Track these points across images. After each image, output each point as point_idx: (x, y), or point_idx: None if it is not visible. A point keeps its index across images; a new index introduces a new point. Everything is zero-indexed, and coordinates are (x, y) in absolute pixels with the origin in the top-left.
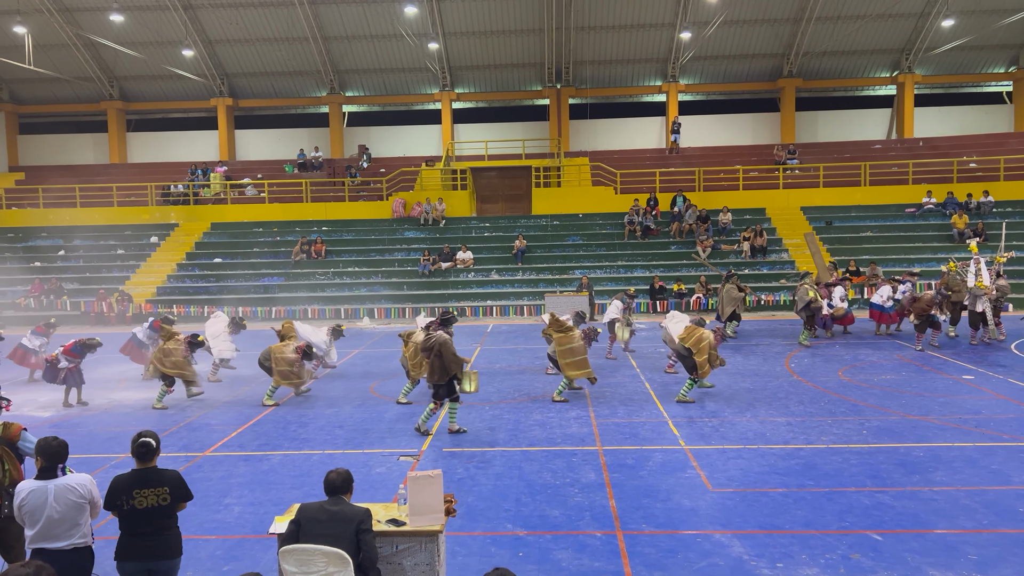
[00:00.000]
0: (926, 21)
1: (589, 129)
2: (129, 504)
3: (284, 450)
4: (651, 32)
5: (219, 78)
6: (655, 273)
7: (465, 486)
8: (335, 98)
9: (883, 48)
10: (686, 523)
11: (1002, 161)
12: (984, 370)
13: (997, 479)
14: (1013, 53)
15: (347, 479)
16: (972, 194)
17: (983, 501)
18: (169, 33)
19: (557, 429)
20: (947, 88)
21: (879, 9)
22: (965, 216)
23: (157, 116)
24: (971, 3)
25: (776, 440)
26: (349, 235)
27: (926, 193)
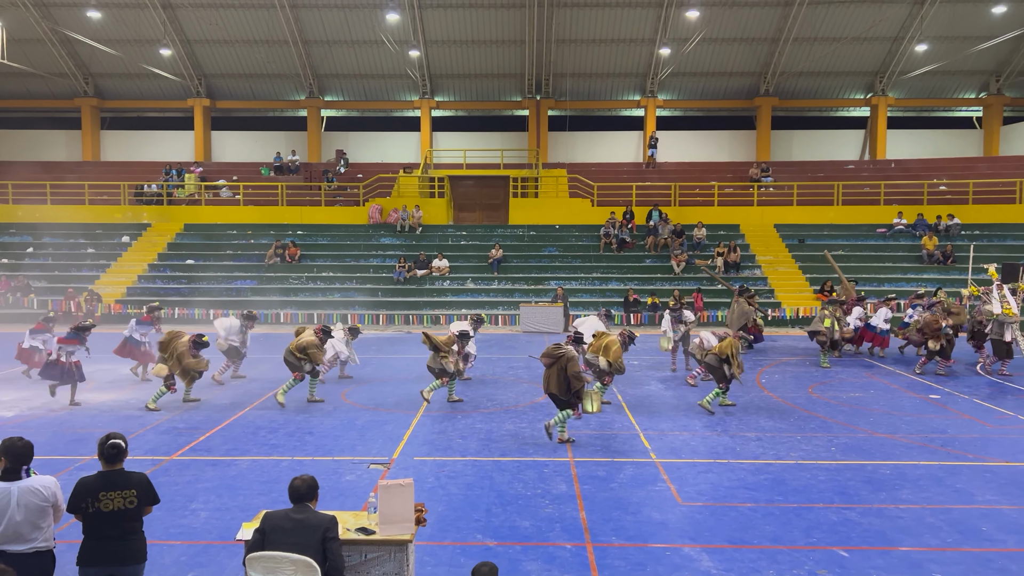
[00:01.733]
0: (900, 45)
1: (567, 141)
2: (95, 507)
3: (253, 455)
4: (631, 47)
5: (196, 78)
6: (629, 286)
7: (436, 495)
8: (314, 102)
9: (858, 70)
10: (656, 536)
11: (971, 185)
12: (950, 390)
13: (961, 498)
14: (983, 79)
15: (312, 486)
16: (942, 216)
17: (948, 519)
18: (147, 31)
19: (529, 439)
20: (919, 112)
21: (855, 32)
22: (935, 238)
23: (132, 115)
24: (944, 29)
25: (746, 455)
26: (324, 240)
27: (897, 214)
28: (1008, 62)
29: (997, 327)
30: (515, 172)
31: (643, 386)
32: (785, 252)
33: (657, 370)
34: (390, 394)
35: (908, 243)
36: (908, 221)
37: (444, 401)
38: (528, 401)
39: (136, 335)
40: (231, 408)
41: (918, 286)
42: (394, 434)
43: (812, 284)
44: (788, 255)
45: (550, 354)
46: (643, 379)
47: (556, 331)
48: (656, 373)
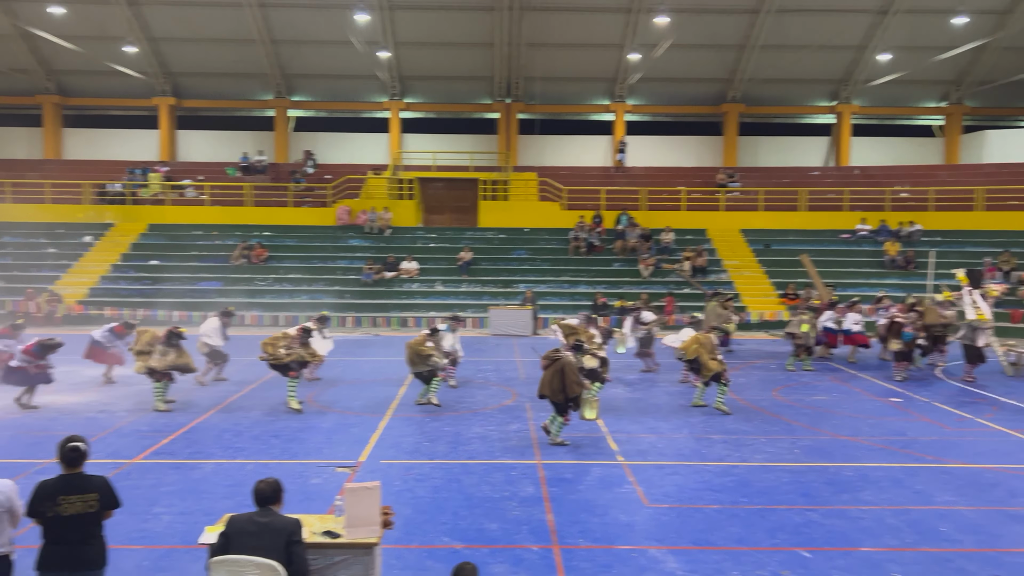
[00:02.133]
0: (864, 54)
1: (537, 144)
2: (54, 511)
3: (217, 459)
4: (600, 52)
5: (162, 77)
6: (598, 290)
7: (403, 498)
8: (281, 102)
9: (823, 78)
10: (622, 538)
11: (931, 192)
12: (911, 393)
13: (920, 499)
14: (944, 89)
15: (277, 489)
16: (903, 222)
17: (907, 520)
18: (112, 28)
19: (497, 442)
20: (882, 120)
21: (820, 40)
22: (897, 244)
23: (96, 112)
24: (906, 39)
25: (712, 457)
26: (291, 241)
27: (860, 220)
28: (968, 72)
29: (969, 332)
30: (485, 175)
31: (610, 388)
32: (751, 257)
33: (624, 372)
34: (357, 397)
35: (871, 249)
36: (871, 227)
37: (412, 404)
38: (497, 404)
39: (100, 337)
40: (195, 411)
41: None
42: (361, 437)
43: (777, 288)
44: (754, 260)
45: (549, 356)
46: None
47: (525, 334)
48: (623, 376)
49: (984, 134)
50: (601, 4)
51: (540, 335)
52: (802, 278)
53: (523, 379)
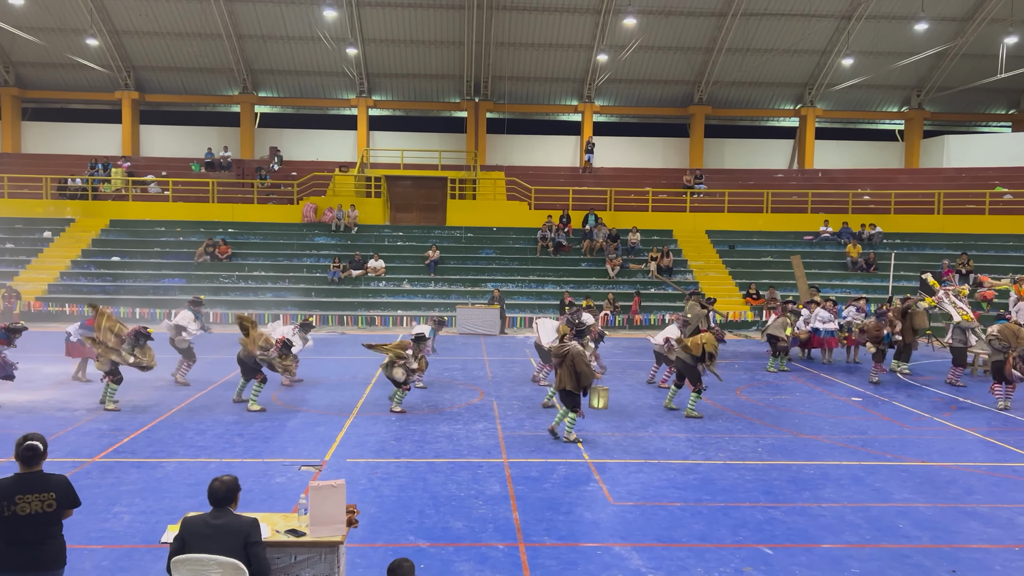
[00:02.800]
0: (828, 59)
1: (505, 144)
2: (11, 510)
3: (179, 457)
4: (569, 52)
5: (125, 70)
6: (565, 289)
7: (368, 497)
8: (247, 98)
9: (788, 82)
10: (587, 535)
11: (893, 195)
12: (871, 393)
13: (880, 496)
14: (905, 94)
15: (232, 489)
16: (865, 225)
17: (867, 517)
18: (73, 20)
19: (464, 441)
20: (845, 123)
21: (785, 44)
22: (858, 246)
23: (56, 106)
24: (868, 44)
25: (676, 455)
26: (256, 238)
27: (823, 222)
28: (928, 78)
29: (959, 333)
30: (453, 173)
31: None
32: (716, 258)
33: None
34: (323, 396)
35: (833, 250)
36: (833, 229)
37: (377, 404)
38: (463, 403)
39: (78, 336)
40: (157, 409)
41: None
42: (326, 436)
43: (741, 289)
44: (719, 261)
45: (558, 354)
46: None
47: (492, 333)
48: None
49: (943, 139)
50: (570, 5)
51: (508, 334)
52: (764, 279)
53: (490, 378)
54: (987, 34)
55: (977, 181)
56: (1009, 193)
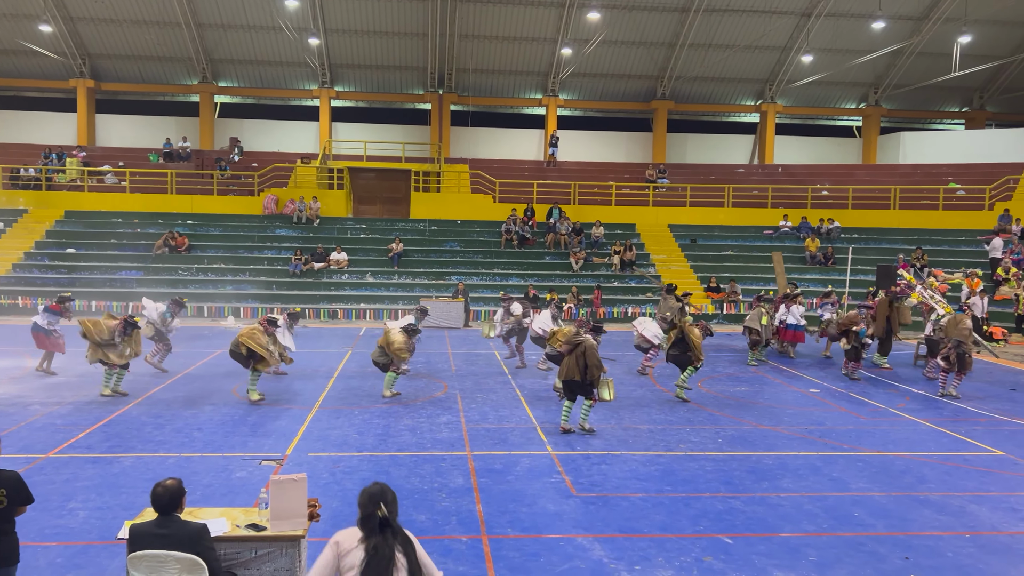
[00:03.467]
0: (788, 55)
1: (470, 137)
2: None
3: (137, 452)
4: (533, 46)
5: (80, 58)
6: (529, 282)
7: (331, 491)
8: (207, 87)
9: (749, 78)
10: (550, 527)
11: (850, 190)
12: (829, 384)
13: (837, 486)
14: (863, 91)
15: (176, 495)
16: (824, 220)
17: (824, 506)
18: (26, 6)
19: (427, 434)
20: (805, 119)
21: (746, 40)
22: (817, 240)
23: (8, 94)
24: (827, 42)
25: (638, 447)
26: (216, 230)
27: (783, 217)
28: (885, 75)
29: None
30: (417, 166)
31: (542, 380)
32: (678, 251)
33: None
34: (284, 389)
35: (792, 245)
36: (793, 224)
37: (340, 398)
38: (427, 396)
39: (43, 323)
40: (114, 404)
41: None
42: (288, 430)
43: (702, 282)
44: (681, 254)
45: (570, 341)
46: (540, 373)
47: (456, 326)
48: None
49: (900, 135)
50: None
51: (472, 327)
52: (725, 273)
53: (454, 372)
54: (941, 33)
55: (931, 177)
56: (962, 189)
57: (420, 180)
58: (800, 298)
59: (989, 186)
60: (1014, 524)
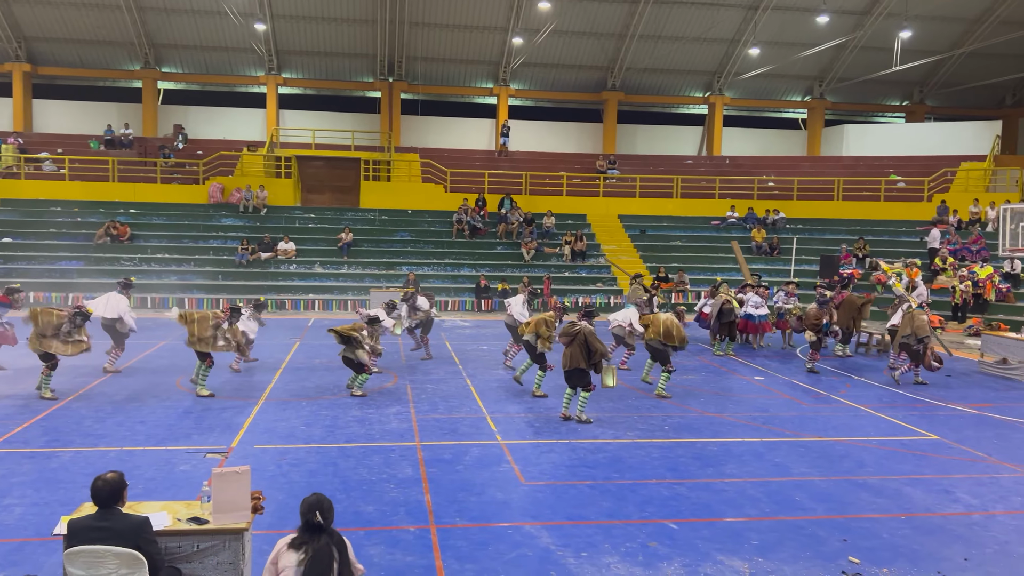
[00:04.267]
0: (735, 48)
1: (420, 126)
2: None
3: (76, 447)
4: (484, 34)
5: (15, 41)
6: (481, 272)
7: (277, 483)
8: (149, 73)
9: (697, 70)
10: (498, 516)
11: (795, 182)
12: (773, 372)
13: (779, 471)
14: (808, 84)
15: (116, 487)
16: (769, 211)
17: (766, 491)
18: None
19: (376, 425)
20: (752, 111)
21: (695, 32)
22: (763, 231)
23: None
24: (774, 35)
25: (586, 435)
26: (160, 219)
27: (730, 207)
28: (829, 69)
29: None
30: (366, 155)
31: (492, 371)
32: (628, 242)
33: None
34: (229, 381)
35: (739, 235)
36: (739, 214)
37: (287, 389)
38: (376, 387)
39: None
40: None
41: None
42: (233, 422)
43: (651, 272)
44: (631, 244)
45: (568, 332)
46: (492, 363)
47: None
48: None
49: (843, 128)
50: None
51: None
52: (674, 263)
53: (404, 363)
54: (883, 28)
55: (873, 169)
56: (902, 181)
57: (370, 169)
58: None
59: (928, 178)
60: (946, 506)
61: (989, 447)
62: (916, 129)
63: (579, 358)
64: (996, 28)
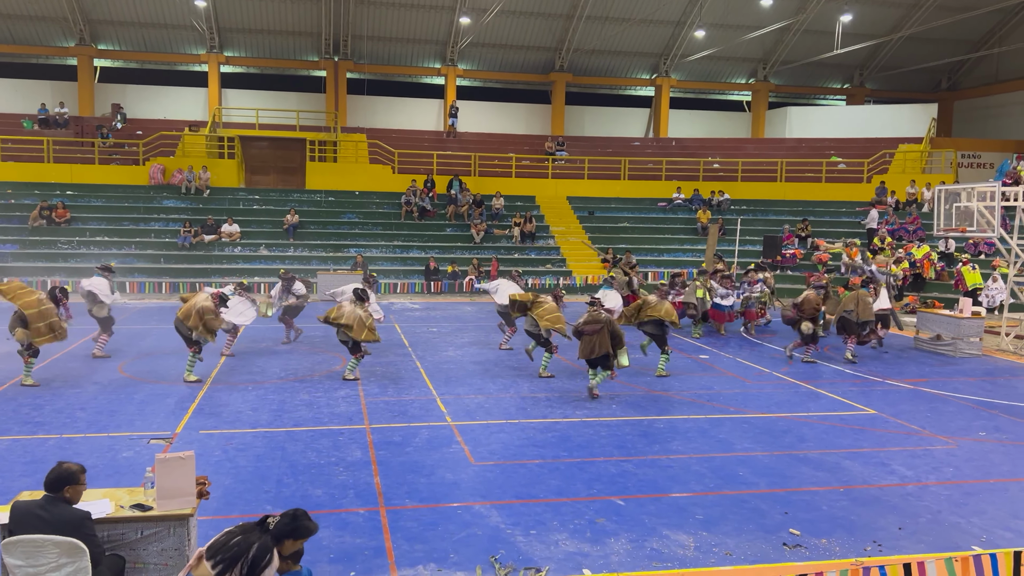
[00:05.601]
0: (681, 30)
1: (367, 105)
2: None
3: (14, 435)
4: (431, 13)
5: None
6: (430, 254)
7: (223, 468)
8: (85, 50)
9: (644, 52)
10: (448, 496)
11: (740, 163)
12: (717, 350)
13: (723, 447)
14: (752, 67)
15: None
16: (715, 192)
17: (711, 467)
18: None
19: (325, 408)
20: (697, 94)
21: (641, 14)
22: (708, 212)
23: None
24: (719, 17)
25: (535, 415)
26: (98, 201)
27: (676, 189)
28: (773, 52)
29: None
30: (312, 135)
31: (441, 352)
32: (576, 223)
33: (457, 336)
34: (173, 366)
35: (685, 216)
36: (685, 196)
37: (233, 372)
38: (325, 370)
39: None
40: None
41: (692, 256)
42: (177, 408)
43: (599, 253)
44: (579, 226)
45: (597, 320)
46: (442, 345)
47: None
48: (455, 339)
49: (787, 110)
50: None
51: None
52: (621, 244)
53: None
54: (825, 12)
55: (815, 151)
56: (843, 163)
57: (316, 150)
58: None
59: (867, 160)
60: (883, 477)
61: (923, 420)
62: (856, 112)
63: (607, 344)
64: (933, 13)
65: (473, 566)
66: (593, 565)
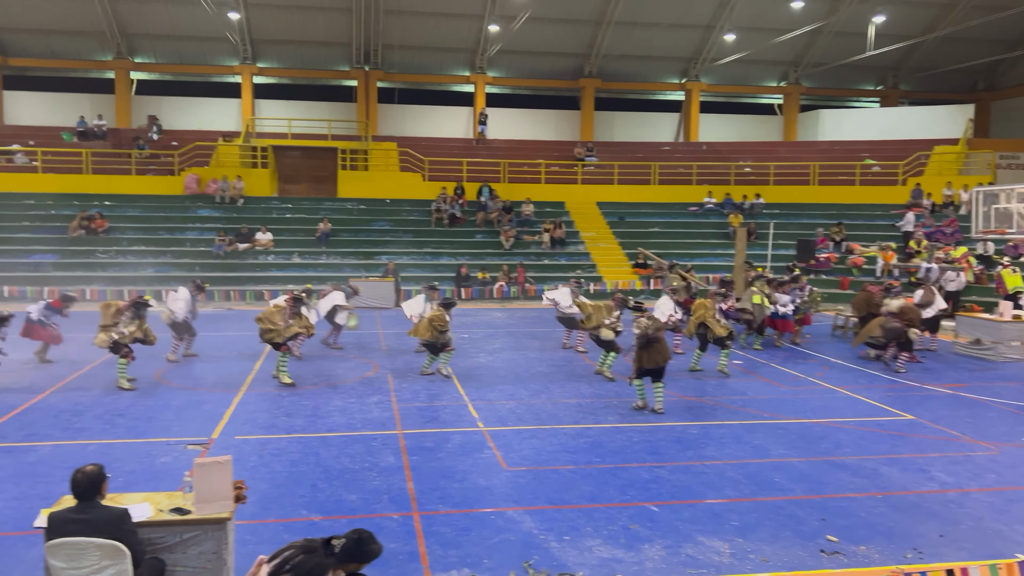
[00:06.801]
0: (711, 34)
1: (397, 114)
2: None
3: (55, 440)
4: (460, 22)
5: None
6: (461, 261)
7: (259, 473)
8: (122, 63)
9: (674, 56)
10: (481, 502)
11: (772, 167)
12: (752, 356)
13: (757, 453)
14: (783, 69)
15: (95, 479)
16: (747, 196)
17: (745, 473)
18: None
19: (357, 414)
20: (728, 97)
21: (670, 19)
22: (740, 216)
23: None
24: (749, 20)
25: (567, 420)
26: (135, 211)
27: (707, 193)
28: (804, 54)
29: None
30: (344, 144)
31: (472, 358)
32: (606, 229)
33: (488, 342)
34: (210, 373)
35: (717, 220)
36: (717, 200)
37: (268, 380)
38: (357, 376)
39: (36, 315)
40: (28, 392)
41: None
42: (214, 413)
43: (630, 259)
44: (609, 232)
45: (659, 329)
46: (472, 351)
47: (387, 306)
48: (486, 345)
49: (818, 113)
50: None
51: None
52: (652, 249)
53: (385, 351)
54: (857, 13)
55: (848, 154)
56: (877, 165)
57: (347, 158)
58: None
59: (902, 162)
60: (922, 484)
61: (963, 426)
62: (890, 113)
63: (667, 353)
64: (968, 12)
65: (507, 571)
66: (627, 571)
